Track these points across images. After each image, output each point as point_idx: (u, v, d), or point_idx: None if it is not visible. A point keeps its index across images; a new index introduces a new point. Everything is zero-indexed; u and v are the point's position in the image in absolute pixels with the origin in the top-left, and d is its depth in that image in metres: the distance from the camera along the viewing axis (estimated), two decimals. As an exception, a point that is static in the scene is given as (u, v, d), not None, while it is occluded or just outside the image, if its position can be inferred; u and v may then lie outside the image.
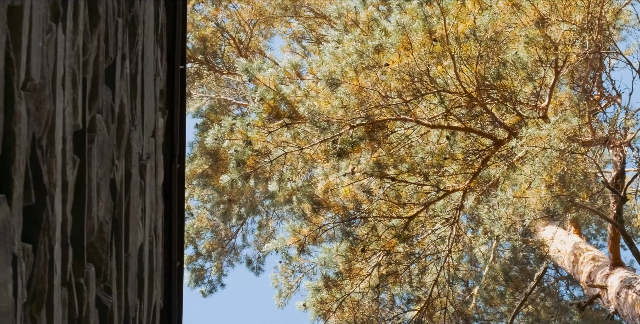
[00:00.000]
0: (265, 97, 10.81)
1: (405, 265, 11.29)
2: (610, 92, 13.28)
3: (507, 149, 10.74)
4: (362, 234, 11.32)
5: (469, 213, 11.01)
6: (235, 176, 11.02)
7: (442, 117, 11.53)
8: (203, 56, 15.71)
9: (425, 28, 10.40)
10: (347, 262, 11.08)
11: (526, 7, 10.31)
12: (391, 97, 11.07)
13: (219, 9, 15.64)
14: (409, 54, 10.56)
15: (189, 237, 16.54)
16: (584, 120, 11.92)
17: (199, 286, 16.79)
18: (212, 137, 10.91)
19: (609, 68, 13.16)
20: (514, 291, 15.22)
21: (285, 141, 11.09)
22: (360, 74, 10.61)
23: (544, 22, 10.40)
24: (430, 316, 11.18)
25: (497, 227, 9.68)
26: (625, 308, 10.90)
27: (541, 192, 9.44)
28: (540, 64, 11.52)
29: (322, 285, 10.90)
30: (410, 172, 11.54)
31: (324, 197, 11.05)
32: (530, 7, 10.28)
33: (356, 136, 11.18)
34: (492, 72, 11.23)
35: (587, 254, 12.79)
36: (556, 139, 9.45)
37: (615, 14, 11.76)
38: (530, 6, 10.29)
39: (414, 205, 11.50)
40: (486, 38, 10.31)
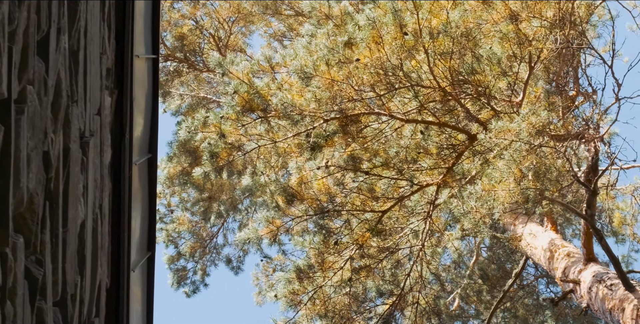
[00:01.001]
0: (239, 90, 10.82)
1: (378, 259, 11.29)
2: (587, 89, 13.34)
3: (481, 144, 10.76)
4: (336, 227, 11.33)
5: (443, 208, 11.02)
6: (208, 169, 11.03)
7: (417, 112, 11.56)
8: (182, 54, 15.72)
9: (396, 22, 10.44)
10: (319, 255, 11.08)
11: (497, 4, 10.36)
12: (364, 91, 11.09)
13: (197, 6, 15.66)
14: (380, 48, 10.59)
15: (169, 237, 16.53)
16: (557, 115, 11.97)
17: (182, 287, 16.75)
18: (185, 130, 10.91)
19: (584, 64, 13.21)
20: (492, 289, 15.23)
21: (259, 134, 11.09)
22: (333, 67, 10.63)
23: (515, 18, 10.45)
24: (402, 310, 11.18)
25: (466, 221, 9.69)
26: (597, 302, 10.92)
27: (510, 185, 9.45)
28: (515, 59, 11.57)
29: (294, 277, 10.89)
30: (385, 166, 11.56)
31: (297, 190, 11.05)
32: (501, 3, 10.32)
33: (330, 130, 11.20)
34: (467, 67, 11.27)
35: (562, 250, 12.81)
36: (525, 133, 9.47)
37: (587, 9, 11.83)
38: (502, 3, 10.33)
39: (387, 199, 11.51)
40: (457, 34, 10.34)
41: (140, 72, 10.49)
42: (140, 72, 10.48)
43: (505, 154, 9.58)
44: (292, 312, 10.93)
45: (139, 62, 10.32)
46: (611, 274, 10.92)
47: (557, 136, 11.50)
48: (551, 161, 9.92)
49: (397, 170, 11.48)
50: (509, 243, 12.49)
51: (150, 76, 10.96)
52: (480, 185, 9.48)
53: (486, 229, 9.77)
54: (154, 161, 10.99)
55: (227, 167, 10.99)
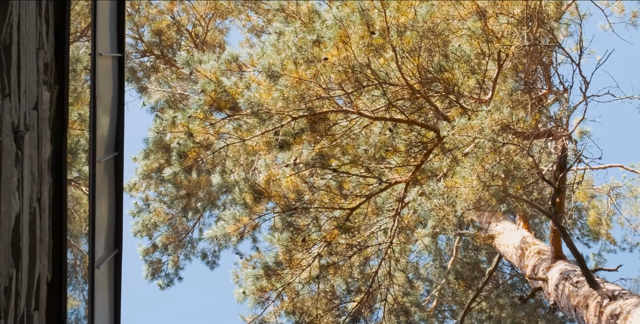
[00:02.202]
0: (206, 89, 10.84)
1: (346, 256, 11.33)
2: (558, 87, 13.37)
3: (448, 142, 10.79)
4: (303, 224, 11.36)
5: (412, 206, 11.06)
6: (177, 169, 11.05)
7: (385, 110, 11.59)
8: (159, 50, 15.72)
9: (363, 21, 10.45)
10: (287, 252, 11.11)
11: (465, 1, 10.38)
12: (332, 89, 11.11)
13: (174, 2, 15.66)
14: (347, 47, 10.60)
15: (145, 229, 16.58)
16: (526, 112, 12.01)
17: (156, 279, 16.81)
18: (153, 130, 10.92)
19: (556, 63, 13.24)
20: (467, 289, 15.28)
21: (228, 132, 11.11)
22: (300, 66, 10.65)
23: (482, 14, 10.47)
24: (370, 307, 11.22)
25: (430, 218, 9.72)
26: (563, 299, 10.98)
27: (473, 182, 9.49)
28: (483, 57, 11.58)
29: (262, 274, 10.92)
30: (353, 164, 11.59)
31: (265, 187, 11.07)
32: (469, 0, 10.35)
33: (298, 128, 11.22)
34: (435, 65, 11.29)
35: (533, 248, 12.87)
36: (488, 130, 9.50)
37: (557, 8, 11.85)
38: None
39: (356, 197, 11.55)
40: (424, 30, 10.36)
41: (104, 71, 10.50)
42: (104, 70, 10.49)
43: (468, 151, 9.62)
44: (260, 309, 10.98)
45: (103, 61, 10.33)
46: (578, 271, 10.98)
47: (526, 134, 11.54)
48: (515, 158, 9.95)
49: (366, 168, 11.51)
50: (474, 240, 12.51)
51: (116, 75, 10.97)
52: (443, 182, 9.51)
53: (450, 227, 9.79)
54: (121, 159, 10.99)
55: (196, 166, 11.01)
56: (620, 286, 10.31)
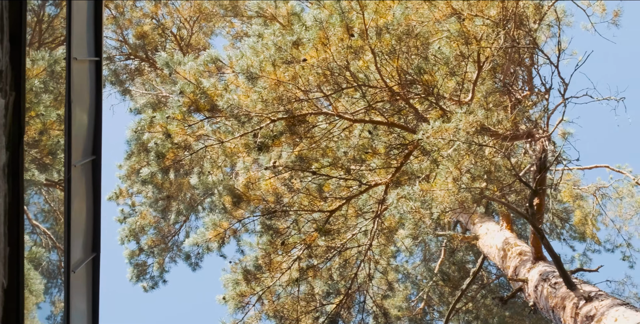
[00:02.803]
0: (185, 90, 10.85)
1: (326, 258, 11.33)
2: (540, 88, 13.38)
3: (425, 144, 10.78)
4: (284, 227, 11.36)
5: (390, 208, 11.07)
6: (154, 169, 11.05)
7: (365, 112, 11.60)
8: (144, 53, 15.73)
9: (343, 23, 10.46)
10: (267, 255, 11.11)
11: (439, 2, 10.39)
12: (311, 91, 11.11)
13: (158, 5, 15.67)
14: (326, 49, 10.61)
15: (132, 233, 16.57)
16: (505, 114, 12.02)
17: (141, 281, 16.80)
18: (131, 130, 10.92)
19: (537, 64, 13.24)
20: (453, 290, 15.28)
21: (206, 134, 11.12)
22: (279, 68, 10.65)
23: (458, 16, 10.48)
24: (349, 309, 11.23)
25: (407, 220, 9.73)
26: (542, 300, 10.99)
27: (448, 185, 9.49)
28: (462, 58, 11.59)
29: (242, 278, 10.92)
30: (333, 166, 11.60)
31: (244, 191, 11.08)
32: (443, 2, 10.36)
33: (277, 130, 11.22)
34: (415, 67, 11.29)
35: (515, 249, 12.88)
36: (463, 132, 9.51)
37: (536, 9, 11.86)
38: (443, 1, 10.37)
39: (335, 199, 11.55)
40: (400, 32, 10.37)
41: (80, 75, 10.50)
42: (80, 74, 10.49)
43: (443, 154, 9.63)
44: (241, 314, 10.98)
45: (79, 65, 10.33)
46: (557, 272, 10.99)
47: (503, 135, 11.55)
48: (493, 160, 9.95)
49: (346, 170, 11.52)
50: (451, 242, 12.52)
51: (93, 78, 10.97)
52: (418, 185, 9.51)
53: (427, 229, 9.80)
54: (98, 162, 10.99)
55: (174, 167, 11.01)
56: (597, 287, 10.32)
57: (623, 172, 16.76)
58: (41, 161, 10.63)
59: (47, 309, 10.78)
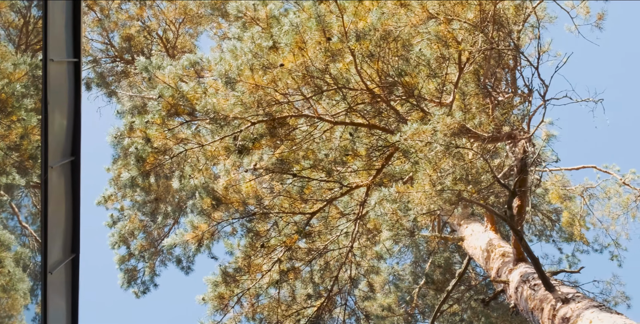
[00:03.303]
0: (164, 94, 10.86)
1: (306, 261, 11.35)
2: (523, 90, 13.38)
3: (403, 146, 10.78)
4: (264, 230, 11.38)
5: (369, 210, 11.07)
6: (135, 174, 11.06)
7: (345, 114, 11.61)
8: (130, 55, 15.75)
9: (319, 27, 10.46)
10: (247, 258, 11.13)
11: (415, 6, 10.39)
12: (291, 94, 11.12)
13: (144, 8, 15.68)
14: (304, 53, 10.62)
15: (121, 239, 16.59)
16: (487, 116, 12.02)
17: (132, 287, 16.81)
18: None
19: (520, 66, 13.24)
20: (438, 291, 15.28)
21: (186, 137, 11.13)
22: (257, 72, 10.66)
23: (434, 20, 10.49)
24: (330, 311, 11.24)
25: (384, 222, 9.74)
26: (522, 302, 11.00)
27: (425, 187, 9.50)
28: (443, 60, 11.60)
29: (221, 280, 10.93)
30: (314, 168, 11.61)
31: (224, 193, 11.09)
32: (419, 6, 10.36)
33: (257, 133, 11.23)
34: (395, 69, 11.30)
35: (498, 250, 12.88)
36: (440, 134, 9.52)
37: (516, 10, 11.86)
38: (419, 5, 10.37)
39: (316, 201, 11.57)
40: (377, 37, 10.38)
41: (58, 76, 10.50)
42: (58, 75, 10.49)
43: (421, 156, 9.63)
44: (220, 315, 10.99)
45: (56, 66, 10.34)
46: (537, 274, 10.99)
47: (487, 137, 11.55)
48: (470, 161, 9.96)
49: (327, 172, 11.53)
50: (428, 244, 12.53)
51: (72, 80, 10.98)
52: (395, 187, 9.53)
53: (403, 231, 9.80)
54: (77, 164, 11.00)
55: (155, 171, 11.02)
56: (575, 289, 10.33)
57: (610, 172, 16.79)
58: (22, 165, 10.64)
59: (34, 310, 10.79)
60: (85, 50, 16.15)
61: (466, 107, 10.25)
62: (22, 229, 10.37)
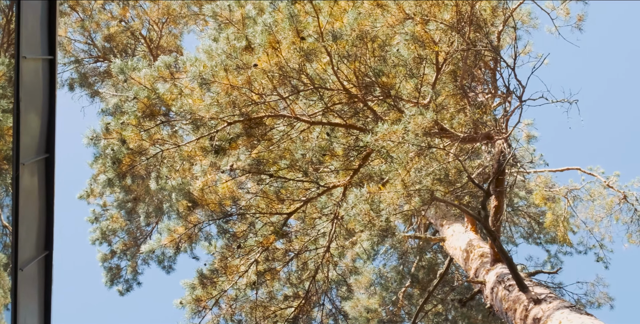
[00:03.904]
0: (139, 95, 10.86)
1: (283, 262, 11.34)
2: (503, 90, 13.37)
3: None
4: (241, 231, 11.38)
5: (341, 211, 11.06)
6: (111, 175, 11.06)
7: (322, 114, 11.60)
8: (113, 55, 15.75)
9: (293, 27, 10.46)
10: (223, 259, 11.12)
11: (391, 7, 10.39)
12: (267, 94, 11.12)
13: (127, 8, 15.68)
14: (277, 53, 10.61)
15: (103, 236, 16.62)
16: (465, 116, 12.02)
17: (115, 285, 16.83)
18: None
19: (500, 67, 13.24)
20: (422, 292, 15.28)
21: (162, 138, 11.13)
22: (232, 72, 10.66)
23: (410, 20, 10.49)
24: (308, 312, 11.23)
25: (357, 223, 9.73)
26: (497, 302, 11.00)
27: (397, 187, 9.50)
28: (421, 61, 11.60)
29: (197, 283, 10.93)
30: (290, 168, 11.61)
31: (200, 195, 11.08)
32: (395, 6, 10.36)
33: (234, 133, 11.23)
34: (373, 69, 11.30)
35: (477, 251, 12.88)
36: (412, 134, 9.51)
37: (492, 11, 11.86)
38: (395, 5, 10.37)
39: (293, 201, 11.56)
40: (353, 37, 10.38)
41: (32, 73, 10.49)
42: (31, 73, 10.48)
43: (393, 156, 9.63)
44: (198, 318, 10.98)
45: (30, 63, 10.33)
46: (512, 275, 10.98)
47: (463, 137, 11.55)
48: (443, 162, 9.96)
49: (304, 172, 11.53)
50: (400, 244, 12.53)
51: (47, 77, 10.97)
52: (366, 187, 9.53)
53: (376, 231, 9.80)
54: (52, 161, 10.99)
55: (131, 172, 11.02)
56: (549, 289, 10.33)
57: (594, 174, 16.80)
58: (-2, 166, 10.62)
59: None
60: (68, 51, 16.17)
61: (437, 108, 10.24)
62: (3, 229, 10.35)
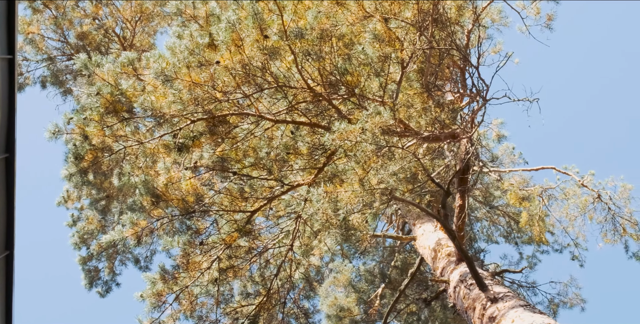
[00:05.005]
0: (102, 91, 10.84)
1: (246, 259, 11.33)
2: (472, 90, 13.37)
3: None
4: (204, 227, 11.36)
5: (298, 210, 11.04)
6: (73, 171, 11.04)
7: (287, 112, 11.59)
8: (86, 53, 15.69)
9: (256, 25, 10.44)
10: (185, 255, 11.10)
11: (351, 5, 10.38)
12: (230, 92, 11.10)
13: (99, 6, 15.66)
14: (240, 50, 10.60)
15: (81, 238, 16.60)
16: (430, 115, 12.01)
17: (95, 287, 16.81)
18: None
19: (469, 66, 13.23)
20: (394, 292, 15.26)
21: (125, 135, 11.11)
22: (194, 69, 10.64)
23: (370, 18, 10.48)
24: (269, 310, 11.22)
25: (314, 222, 9.73)
26: (459, 301, 11.00)
27: (354, 186, 9.49)
28: (386, 59, 11.59)
29: (159, 277, 10.91)
30: (255, 166, 11.60)
31: (164, 191, 11.06)
32: (355, 4, 10.35)
33: (197, 131, 11.22)
34: (339, 67, 11.29)
35: (444, 250, 12.89)
36: (369, 133, 9.50)
37: (458, 10, 11.86)
38: (355, 4, 10.36)
39: (257, 199, 11.55)
40: (314, 36, 10.37)
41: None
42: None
43: (351, 155, 9.62)
44: (158, 312, 10.96)
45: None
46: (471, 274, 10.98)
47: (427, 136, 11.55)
48: (401, 161, 9.95)
49: (268, 170, 11.52)
50: (360, 243, 12.52)
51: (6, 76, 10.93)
52: (323, 187, 9.52)
53: (334, 231, 9.78)
54: (12, 160, 10.95)
55: (93, 168, 11.00)
56: (507, 288, 10.33)
57: (569, 173, 16.79)
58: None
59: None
60: (40, 48, 16.14)
61: (395, 107, 10.23)
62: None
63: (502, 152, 19.94)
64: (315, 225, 9.80)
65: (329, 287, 17.69)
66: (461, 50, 11.77)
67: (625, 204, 16.42)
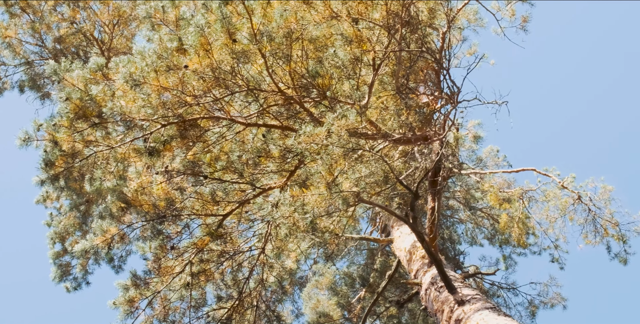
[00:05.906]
0: (72, 96, 10.84)
1: (218, 263, 11.33)
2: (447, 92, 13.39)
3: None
4: (175, 232, 11.36)
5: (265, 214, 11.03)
6: (44, 177, 11.04)
7: (258, 116, 11.59)
8: (64, 57, 15.71)
9: (224, 29, 10.45)
10: (157, 260, 11.10)
11: (318, 4, 10.39)
12: (201, 96, 11.10)
13: (77, 10, 15.66)
14: (210, 54, 10.60)
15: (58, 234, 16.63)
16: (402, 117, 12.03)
17: (64, 282, 16.82)
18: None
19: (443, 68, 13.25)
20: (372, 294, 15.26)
21: (95, 140, 11.10)
22: (163, 74, 10.64)
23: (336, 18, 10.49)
24: (241, 313, 11.21)
25: (282, 225, 9.73)
26: (430, 303, 11.00)
27: (320, 189, 9.49)
28: (357, 62, 11.60)
29: (130, 284, 10.90)
30: (226, 170, 11.59)
31: (134, 196, 11.06)
32: (322, 4, 10.36)
33: (168, 135, 11.21)
34: (311, 70, 11.29)
35: (419, 253, 12.88)
36: (335, 136, 9.50)
37: (430, 12, 11.87)
38: (322, 3, 10.36)
39: (229, 203, 11.55)
40: (280, 35, 10.37)
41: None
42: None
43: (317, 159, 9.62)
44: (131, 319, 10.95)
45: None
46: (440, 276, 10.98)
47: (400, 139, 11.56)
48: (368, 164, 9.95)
49: (240, 174, 11.51)
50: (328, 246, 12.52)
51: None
52: (289, 191, 9.51)
53: (302, 234, 9.78)
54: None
55: (64, 174, 11.01)
56: (476, 290, 10.33)
57: (550, 175, 16.80)
58: None
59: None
60: (18, 53, 16.15)
61: (362, 109, 10.23)
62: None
63: (487, 154, 19.95)
64: (283, 229, 9.79)
65: (311, 290, 17.70)
66: (433, 52, 11.78)
67: (605, 205, 16.44)
